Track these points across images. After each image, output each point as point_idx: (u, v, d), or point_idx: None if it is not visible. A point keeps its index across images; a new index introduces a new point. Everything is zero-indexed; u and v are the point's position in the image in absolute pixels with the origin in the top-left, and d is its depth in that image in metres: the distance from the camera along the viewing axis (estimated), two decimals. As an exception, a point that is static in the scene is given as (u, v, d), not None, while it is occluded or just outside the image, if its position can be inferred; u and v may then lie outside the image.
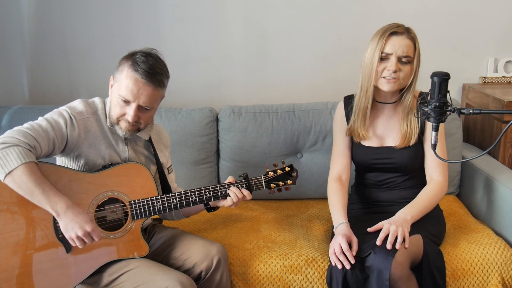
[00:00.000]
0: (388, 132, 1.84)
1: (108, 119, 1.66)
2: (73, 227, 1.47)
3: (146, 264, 1.60)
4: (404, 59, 1.72)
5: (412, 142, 1.79)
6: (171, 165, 1.89)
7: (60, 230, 1.54)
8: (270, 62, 2.58)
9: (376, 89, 1.79)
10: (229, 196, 1.71)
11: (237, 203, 1.72)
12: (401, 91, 1.80)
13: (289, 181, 1.82)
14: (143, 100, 1.58)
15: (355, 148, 1.88)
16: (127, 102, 1.58)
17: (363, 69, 1.78)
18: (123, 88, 1.57)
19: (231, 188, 1.72)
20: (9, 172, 1.42)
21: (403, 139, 1.80)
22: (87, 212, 1.57)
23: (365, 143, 1.85)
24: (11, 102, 2.54)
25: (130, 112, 1.59)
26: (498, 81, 2.59)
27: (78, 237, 1.48)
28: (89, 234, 1.49)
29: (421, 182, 1.86)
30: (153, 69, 1.57)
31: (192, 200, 1.69)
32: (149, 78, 1.56)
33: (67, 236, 1.50)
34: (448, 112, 1.34)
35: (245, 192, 1.73)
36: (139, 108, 1.59)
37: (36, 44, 2.57)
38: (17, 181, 1.44)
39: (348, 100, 1.90)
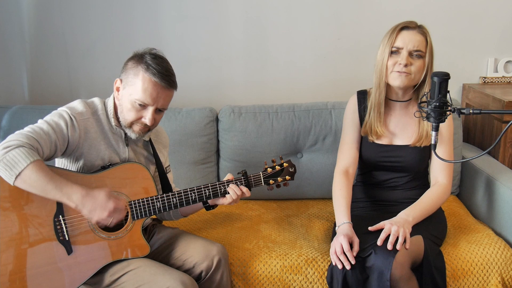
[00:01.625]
0: (399, 131, 1.84)
1: (112, 119, 1.66)
2: (96, 211, 1.48)
3: (148, 264, 1.60)
4: (415, 54, 1.72)
5: (425, 143, 1.79)
6: (169, 165, 1.89)
7: (60, 232, 1.54)
8: (270, 62, 2.58)
9: (388, 86, 1.80)
10: (228, 193, 1.71)
11: (236, 200, 1.72)
12: (414, 89, 1.79)
13: (287, 177, 1.81)
14: (161, 103, 1.59)
15: (365, 144, 1.87)
16: (144, 106, 1.58)
17: (376, 66, 1.79)
18: (140, 92, 1.56)
19: (230, 185, 1.72)
20: (19, 174, 1.42)
21: (418, 139, 1.80)
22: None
23: (376, 140, 1.85)
24: (11, 102, 2.55)
25: (148, 115, 1.59)
26: (498, 81, 2.59)
27: (106, 218, 1.49)
28: (115, 210, 1.50)
29: (424, 183, 1.86)
30: (168, 71, 1.59)
31: (192, 199, 1.69)
32: (167, 81, 1.58)
33: (94, 221, 1.51)
34: (448, 112, 1.34)
35: (244, 189, 1.73)
36: (156, 111, 1.60)
37: (36, 44, 2.57)
38: (28, 181, 1.43)
39: (361, 95, 1.89)
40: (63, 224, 1.54)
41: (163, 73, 1.56)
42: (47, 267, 1.53)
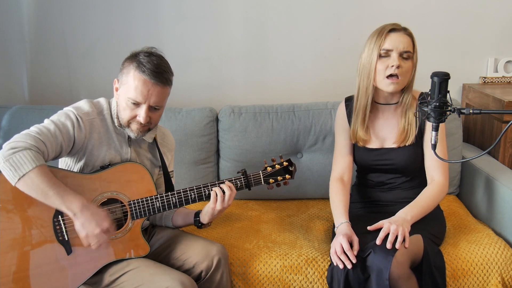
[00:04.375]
0: (388, 134, 1.84)
1: (115, 120, 1.67)
2: (90, 225, 1.48)
3: (147, 264, 1.60)
4: (405, 55, 1.72)
5: (409, 141, 1.79)
6: (172, 171, 1.87)
7: (60, 232, 1.54)
8: (270, 62, 2.58)
9: (376, 90, 1.80)
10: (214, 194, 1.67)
11: (222, 202, 1.66)
12: (402, 92, 1.80)
13: (287, 176, 1.80)
14: (153, 100, 1.58)
15: (357, 150, 1.88)
16: (137, 104, 1.58)
17: (360, 71, 1.79)
18: (131, 90, 1.57)
19: (213, 188, 1.67)
20: (22, 176, 1.42)
21: (400, 136, 1.80)
22: None
23: (366, 144, 1.85)
24: (11, 102, 2.54)
25: (141, 113, 1.59)
26: (498, 81, 2.59)
27: (95, 235, 1.48)
28: (107, 231, 1.50)
29: (422, 182, 1.86)
30: (159, 68, 1.57)
31: (191, 198, 1.68)
32: (157, 78, 1.56)
33: (82, 235, 1.49)
34: (448, 112, 1.34)
35: (227, 190, 1.67)
36: (150, 109, 1.60)
37: (36, 44, 2.57)
38: (30, 184, 1.44)
39: (349, 102, 1.90)
40: (62, 225, 1.55)
41: (153, 70, 1.55)
42: (47, 267, 1.53)
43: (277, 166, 1.80)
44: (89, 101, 1.67)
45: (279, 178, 1.79)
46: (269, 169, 1.79)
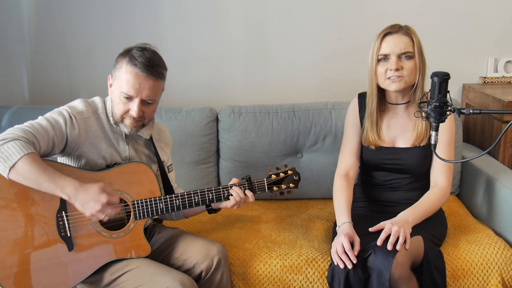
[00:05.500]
0: (400, 133, 1.84)
1: (111, 118, 1.67)
2: (89, 204, 1.47)
3: (147, 264, 1.61)
4: (404, 56, 1.72)
5: (424, 142, 1.79)
6: (171, 164, 1.89)
7: (62, 228, 1.55)
8: (270, 62, 2.58)
9: (385, 90, 1.80)
10: (232, 195, 1.71)
11: (239, 203, 1.72)
12: (412, 90, 1.79)
13: (291, 185, 1.82)
14: (146, 93, 1.58)
15: (366, 147, 1.87)
16: (129, 98, 1.58)
17: (368, 74, 1.79)
18: (124, 84, 1.57)
19: (233, 187, 1.72)
20: (13, 166, 1.42)
21: (417, 137, 1.79)
22: None
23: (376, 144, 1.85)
24: (11, 102, 2.55)
25: (134, 107, 1.58)
26: (498, 81, 2.59)
27: (98, 211, 1.47)
28: (107, 203, 1.48)
29: (426, 184, 1.85)
30: (151, 62, 1.57)
31: (195, 202, 1.69)
32: (149, 71, 1.56)
33: (87, 214, 1.48)
34: (448, 112, 1.34)
35: (249, 194, 1.73)
36: (142, 103, 1.59)
37: (36, 44, 2.57)
38: (22, 172, 1.43)
39: (362, 99, 1.89)
40: (65, 221, 1.55)
41: (145, 63, 1.56)
42: (48, 261, 1.53)
43: (282, 175, 1.82)
44: (84, 101, 1.67)
45: (283, 186, 1.81)
46: (273, 176, 1.81)
